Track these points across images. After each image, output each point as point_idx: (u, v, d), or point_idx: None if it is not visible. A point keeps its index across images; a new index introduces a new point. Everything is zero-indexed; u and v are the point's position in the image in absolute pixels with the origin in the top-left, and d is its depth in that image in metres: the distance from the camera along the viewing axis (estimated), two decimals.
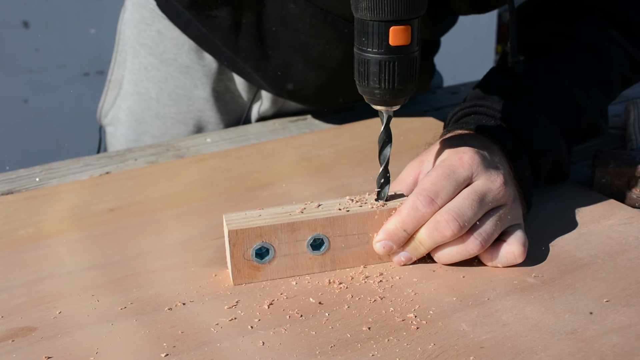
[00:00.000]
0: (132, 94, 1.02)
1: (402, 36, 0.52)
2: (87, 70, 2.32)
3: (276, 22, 0.85)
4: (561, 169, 0.71)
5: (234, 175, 0.79)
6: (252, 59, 0.90)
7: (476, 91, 0.73)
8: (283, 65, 0.89)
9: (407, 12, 0.52)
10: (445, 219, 0.56)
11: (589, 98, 0.73)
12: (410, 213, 0.57)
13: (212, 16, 0.87)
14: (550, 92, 0.71)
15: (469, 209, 0.57)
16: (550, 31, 0.79)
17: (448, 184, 0.58)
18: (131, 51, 1.01)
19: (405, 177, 0.64)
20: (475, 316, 0.53)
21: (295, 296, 0.56)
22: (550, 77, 0.73)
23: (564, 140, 0.70)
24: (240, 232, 0.56)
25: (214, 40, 0.91)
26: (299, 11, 0.83)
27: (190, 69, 0.97)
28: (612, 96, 0.79)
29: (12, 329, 0.53)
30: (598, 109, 0.75)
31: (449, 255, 0.58)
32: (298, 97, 0.95)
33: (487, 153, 0.61)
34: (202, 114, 0.99)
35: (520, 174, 0.64)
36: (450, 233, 0.56)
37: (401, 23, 0.52)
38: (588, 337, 0.50)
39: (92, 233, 0.67)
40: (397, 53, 0.53)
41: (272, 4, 0.84)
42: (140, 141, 1.01)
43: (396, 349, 0.49)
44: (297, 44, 0.86)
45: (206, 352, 0.50)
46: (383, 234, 0.59)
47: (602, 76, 0.77)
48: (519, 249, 0.59)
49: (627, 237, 0.63)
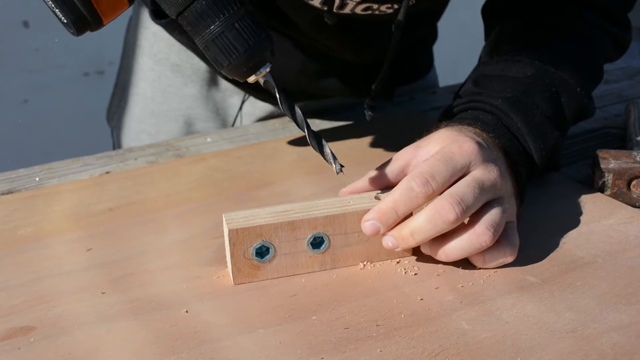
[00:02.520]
0: (132, 95, 1.04)
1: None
2: (87, 70, 2.32)
3: None
4: (554, 159, 0.71)
5: (234, 175, 0.79)
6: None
7: (468, 87, 0.73)
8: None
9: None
10: (449, 202, 0.54)
11: (578, 85, 0.74)
12: (404, 192, 0.55)
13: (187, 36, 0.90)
14: (542, 84, 0.72)
15: (470, 194, 0.55)
16: (533, 21, 0.80)
17: (445, 168, 0.56)
18: (132, 55, 1.04)
19: (397, 158, 0.62)
20: (475, 315, 0.53)
21: (295, 295, 0.56)
22: (541, 69, 0.73)
23: (558, 132, 0.70)
24: (240, 231, 0.56)
25: (195, 49, 0.95)
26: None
27: (180, 67, 1.00)
28: (598, 79, 0.80)
29: (12, 329, 0.53)
30: (587, 93, 0.75)
31: (459, 249, 0.56)
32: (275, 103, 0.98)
33: (486, 145, 0.61)
34: (192, 111, 1.01)
35: (517, 170, 0.63)
36: (454, 216, 0.54)
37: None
38: (588, 335, 0.50)
39: (91, 233, 0.67)
40: (222, 21, 0.53)
41: None
42: (138, 140, 1.03)
43: (396, 347, 0.49)
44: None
45: (206, 352, 0.50)
46: (372, 213, 0.56)
47: (589, 61, 0.78)
48: (511, 248, 0.58)
49: (627, 236, 0.63)
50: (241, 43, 0.53)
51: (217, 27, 0.53)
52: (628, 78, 1.12)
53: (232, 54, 0.53)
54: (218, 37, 0.53)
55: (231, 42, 0.53)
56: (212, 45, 0.53)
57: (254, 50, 0.54)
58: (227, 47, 0.53)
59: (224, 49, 0.53)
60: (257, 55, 0.54)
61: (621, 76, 1.13)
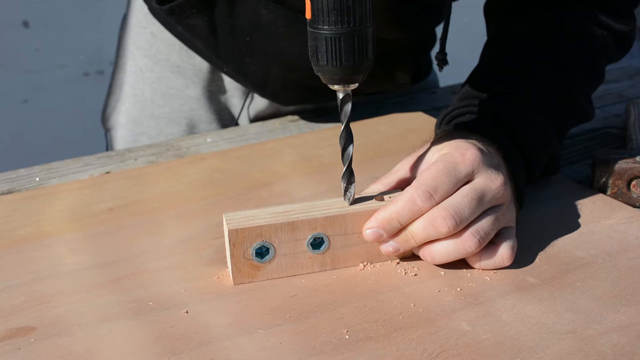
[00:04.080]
0: (130, 96, 1.03)
1: None
2: (87, 70, 2.32)
3: (250, 29, 0.85)
4: (553, 164, 0.71)
5: (234, 175, 0.79)
6: (233, 64, 0.91)
7: (467, 90, 0.73)
8: (262, 70, 0.90)
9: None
10: (443, 215, 0.55)
11: (578, 89, 0.74)
12: (407, 206, 0.56)
13: (190, 24, 0.88)
14: (542, 88, 0.72)
15: (467, 207, 0.56)
16: (535, 22, 0.79)
17: (448, 180, 0.57)
18: (130, 55, 1.03)
19: (398, 169, 0.63)
20: (475, 315, 0.53)
21: (295, 295, 0.56)
22: (541, 72, 0.73)
23: (557, 137, 0.70)
24: (240, 232, 0.56)
25: (198, 44, 0.92)
26: (272, 16, 0.82)
27: (182, 68, 0.99)
28: (599, 81, 0.80)
29: (12, 329, 0.53)
30: (587, 98, 0.75)
31: (445, 253, 0.57)
32: (282, 100, 0.96)
33: (488, 152, 0.61)
34: (194, 113, 1.00)
35: (516, 175, 0.63)
36: (446, 230, 0.55)
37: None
38: (588, 336, 0.50)
39: (91, 233, 0.67)
40: (345, 28, 0.52)
41: (243, 13, 0.84)
42: (138, 142, 1.01)
43: (396, 348, 0.49)
44: (273, 50, 0.86)
45: (206, 352, 0.50)
46: (375, 221, 0.57)
47: (590, 63, 0.77)
48: (508, 252, 0.58)
49: (627, 237, 0.63)
50: (347, 57, 0.53)
51: (341, 30, 0.52)
52: (628, 78, 1.12)
53: (334, 61, 0.53)
54: (334, 39, 0.53)
55: (341, 49, 0.53)
56: (322, 40, 0.53)
57: (354, 69, 0.54)
58: (335, 52, 0.53)
59: (331, 51, 0.53)
60: (354, 75, 0.55)
61: (621, 76, 1.13)
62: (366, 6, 0.52)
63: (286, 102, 0.97)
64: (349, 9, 0.52)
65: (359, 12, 0.52)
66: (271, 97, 0.96)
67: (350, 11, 0.52)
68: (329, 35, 0.53)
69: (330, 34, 0.52)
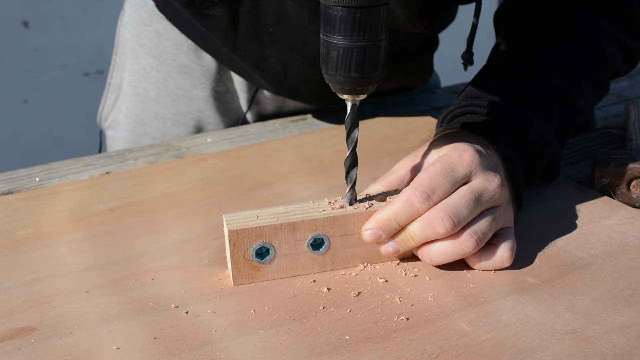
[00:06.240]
0: (131, 95, 1.01)
1: None
2: (87, 70, 2.32)
3: (274, 21, 0.85)
4: (552, 168, 0.71)
5: (234, 175, 0.79)
6: (251, 57, 0.90)
7: (470, 90, 0.73)
8: (282, 63, 0.89)
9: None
10: (440, 216, 0.56)
11: (582, 97, 0.74)
12: (405, 207, 0.57)
13: (209, 15, 0.87)
14: (545, 91, 0.72)
15: (464, 208, 0.56)
16: (543, 26, 0.79)
17: (446, 181, 0.57)
18: (130, 53, 1.00)
19: (397, 169, 0.63)
20: (475, 316, 0.53)
21: (295, 296, 0.56)
22: (545, 76, 0.73)
23: (557, 141, 0.70)
24: (241, 232, 0.56)
25: (213, 39, 0.90)
26: (297, 7, 0.82)
27: (189, 69, 0.97)
28: (603, 92, 0.80)
29: (12, 329, 0.53)
30: (590, 106, 0.75)
31: (443, 253, 0.57)
32: (298, 96, 0.95)
33: (486, 153, 0.61)
34: (202, 114, 0.99)
35: (514, 176, 0.63)
36: (444, 230, 0.56)
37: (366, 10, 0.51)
38: (588, 337, 0.50)
39: (92, 233, 0.67)
40: (357, 40, 0.52)
41: (268, 4, 0.84)
42: (140, 143, 1.00)
43: (396, 349, 0.49)
44: (296, 42, 0.86)
45: (206, 352, 0.50)
46: (374, 222, 0.58)
47: (595, 72, 0.77)
48: (507, 253, 0.58)
49: (627, 237, 0.63)
50: (358, 69, 0.53)
51: (355, 42, 0.52)
52: (628, 78, 1.12)
53: (345, 71, 0.53)
54: (347, 49, 0.53)
55: (352, 61, 0.53)
56: (334, 50, 0.53)
57: (365, 80, 0.54)
58: (347, 63, 0.53)
59: (343, 62, 0.53)
60: (364, 86, 0.55)
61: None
62: (380, 19, 0.52)
63: (303, 97, 0.96)
64: (363, 22, 0.52)
65: (373, 25, 0.52)
66: (286, 93, 0.94)
67: (364, 24, 0.52)
68: (342, 45, 0.53)
69: (343, 44, 0.53)
